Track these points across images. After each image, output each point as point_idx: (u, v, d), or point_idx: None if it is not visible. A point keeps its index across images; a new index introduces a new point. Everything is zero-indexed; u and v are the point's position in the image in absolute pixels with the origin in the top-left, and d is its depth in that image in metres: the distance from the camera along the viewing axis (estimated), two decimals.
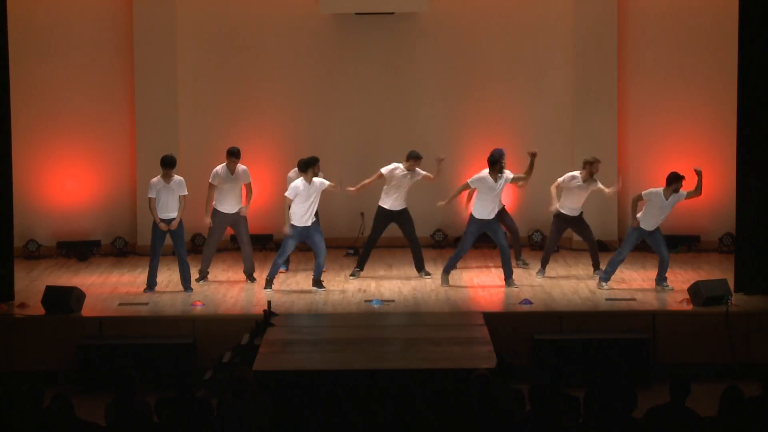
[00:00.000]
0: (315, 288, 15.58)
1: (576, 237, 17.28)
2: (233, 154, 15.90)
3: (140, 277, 16.45)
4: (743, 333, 14.08)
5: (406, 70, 18.77)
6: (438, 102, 18.78)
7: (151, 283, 15.59)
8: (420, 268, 16.41)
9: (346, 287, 15.90)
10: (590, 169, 16.08)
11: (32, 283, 16.15)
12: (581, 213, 16.28)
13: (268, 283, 15.54)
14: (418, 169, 16.21)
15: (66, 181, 18.58)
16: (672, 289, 15.30)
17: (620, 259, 15.41)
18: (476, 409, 9.32)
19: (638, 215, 15.25)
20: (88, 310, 14.54)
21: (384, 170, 16.22)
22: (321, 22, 18.61)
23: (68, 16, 18.40)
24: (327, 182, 15.56)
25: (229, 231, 16.65)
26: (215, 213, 16.01)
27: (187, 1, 18.54)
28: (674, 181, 15.10)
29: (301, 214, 15.38)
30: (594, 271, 16.31)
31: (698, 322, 14.21)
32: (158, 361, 13.64)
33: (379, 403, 9.50)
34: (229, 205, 16.00)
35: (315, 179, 15.46)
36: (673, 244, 17.41)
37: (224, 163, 15.93)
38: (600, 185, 16.17)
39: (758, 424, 9.13)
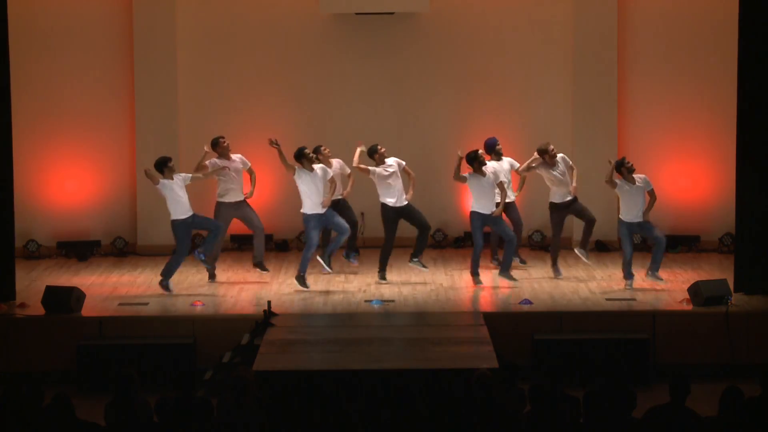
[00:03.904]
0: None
1: (576, 237, 17.27)
2: (216, 144, 16.09)
3: (140, 277, 16.47)
4: (743, 333, 14.07)
5: (406, 70, 18.76)
6: (438, 102, 18.77)
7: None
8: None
9: (347, 287, 15.90)
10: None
11: (32, 283, 16.15)
12: (575, 198, 16.18)
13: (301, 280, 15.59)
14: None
15: (66, 181, 18.58)
16: (663, 280, 15.33)
17: (627, 258, 15.41)
18: (477, 409, 9.31)
19: (620, 214, 15.37)
20: (88, 310, 14.53)
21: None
22: (321, 22, 18.61)
23: (68, 16, 18.40)
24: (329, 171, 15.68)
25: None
26: (219, 205, 16.05)
27: (187, 1, 18.55)
28: (620, 165, 15.34)
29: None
30: (579, 248, 16.21)
31: (698, 322, 14.20)
32: (158, 361, 13.64)
33: (379, 403, 9.50)
34: (231, 195, 16.04)
35: (315, 166, 15.51)
36: (673, 244, 17.39)
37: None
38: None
39: (758, 424, 9.13)
